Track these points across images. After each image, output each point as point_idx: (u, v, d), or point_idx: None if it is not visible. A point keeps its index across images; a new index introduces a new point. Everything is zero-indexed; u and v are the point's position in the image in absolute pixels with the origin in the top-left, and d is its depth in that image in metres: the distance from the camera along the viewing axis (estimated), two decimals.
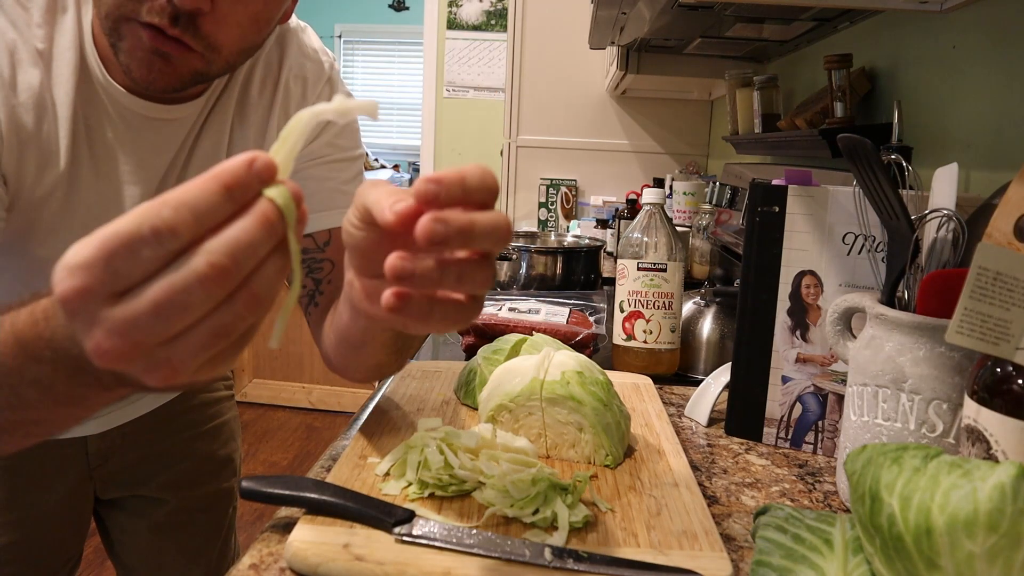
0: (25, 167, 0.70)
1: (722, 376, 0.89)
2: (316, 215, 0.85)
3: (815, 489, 0.72)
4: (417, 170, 5.01)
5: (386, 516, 0.57)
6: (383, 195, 0.44)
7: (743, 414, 0.84)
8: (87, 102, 0.73)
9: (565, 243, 1.88)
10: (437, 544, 0.55)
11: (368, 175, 5.87)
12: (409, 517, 0.57)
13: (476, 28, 3.90)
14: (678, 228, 1.09)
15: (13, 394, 0.47)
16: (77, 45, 0.72)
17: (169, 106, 0.77)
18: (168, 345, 0.37)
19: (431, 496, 0.63)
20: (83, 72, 0.73)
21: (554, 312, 1.18)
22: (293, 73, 0.86)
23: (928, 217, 0.64)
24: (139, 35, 0.65)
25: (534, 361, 0.75)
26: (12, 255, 0.76)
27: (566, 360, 0.74)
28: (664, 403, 0.90)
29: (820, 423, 0.80)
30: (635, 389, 0.93)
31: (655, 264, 1.03)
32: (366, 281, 0.49)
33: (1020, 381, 0.50)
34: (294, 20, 0.89)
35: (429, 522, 0.57)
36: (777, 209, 0.80)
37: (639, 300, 1.04)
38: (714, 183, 1.79)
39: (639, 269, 1.04)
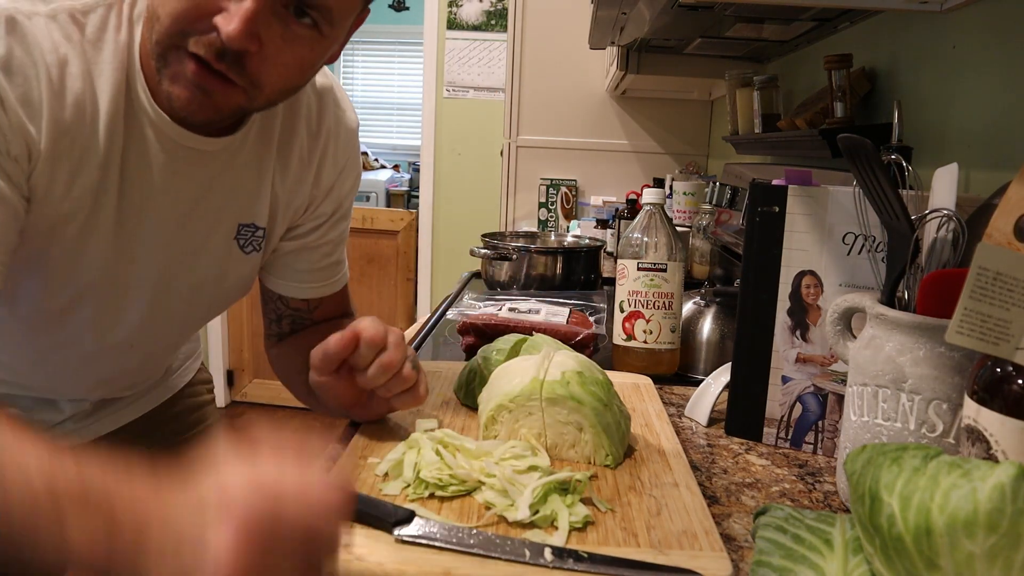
0: (56, 178, 0.70)
1: (722, 376, 0.89)
2: (316, 285, 0.95)
3: (815, 489, 0.72)
4: (417, 170, 5.01)
5: (386, 516, 0.57)
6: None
7: (743, 414, 0.84)
8: (126, 123, 0.73)
9: (565, 243, 1.88)
10: (437, 544, 0.55)
11: (368, 175, 5.79)
12: (409, 517, 0.57)
13: (476, 28, 3.90)
14: (678, 228, 1.09)
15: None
16: (124, 66, 0.72)
17: (207, 138, 0.77)
18: None
19: (431, 496, 0.63)
20: (126, 94, 0.73)
21: (554, 312, 1.18)
22: (331, 135, 0.89)
23: (928, 217, 0.64)
24: (184, 65, 0.67)
25: (534, 361, 0.75)
26: (31, 277, 0.75)
27: (566, 360, 0.74)
28: (664, 403, 0.90)
29: (820, 423, 0.80)
30: (635, 389, 0.93)
31: (655, 264, 1.03)
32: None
33: (1020, 381, 0.50)
34: (329, 76, 0.90)
35: (429, 522, 0.57)
36: (777, 209, 0.80)
37: (639, 300, 1.04)
38: (714, 183, 1.79)
39: (639, 269, 1.04)
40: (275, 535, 0.44)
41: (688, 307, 1.12)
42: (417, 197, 4.31)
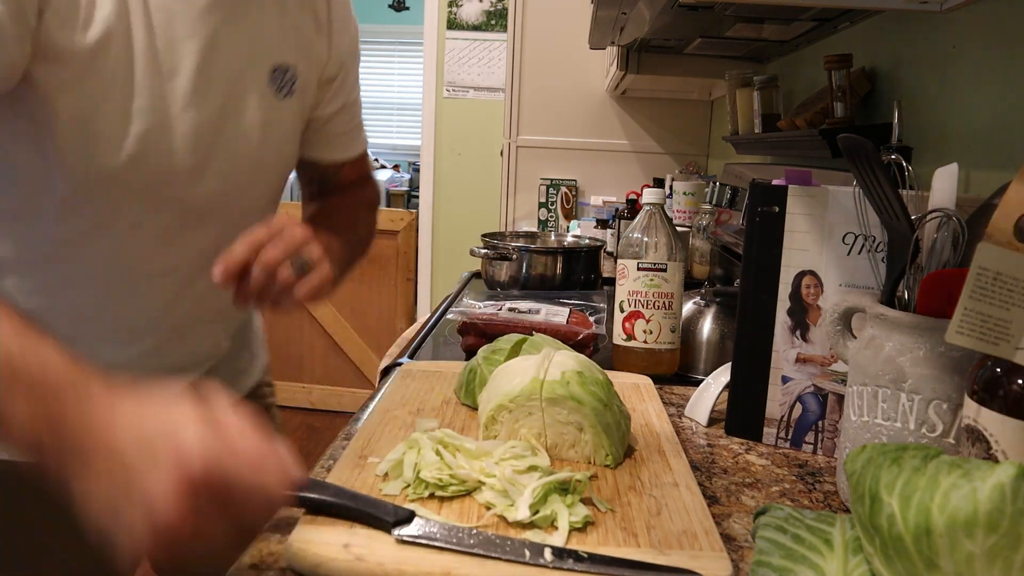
0: (73, 15, 0.70)
1: (722, 376, 0.89)
2: (344, 148, 1.05)
3: (815, 489, 0.72)
4: (417, 170, 5.01)
5: (386, 516, 0.57)
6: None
7: (743, 414, 0.84)
8: None
9: (565, 243, 1.88)
10: (437, 544, 0.55)
11: None
12: (409, 517, 0.57)
13: (476, 28, 3.90)
14: (678, 228, 1.09)
15: None
16: None
17: None
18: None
19: (431, 496, 0.63)
20: None
21: (554, 312, 1.18)
22: None
23: (928, 217, 0.64)
24: None
25: (534, 361, 0.75)
26: (83, 138, 0.74)
27: (566, 360, 0.74)
28: (664, 403, 0.90)
29: (820, 423, 0.80)
30: (635, 389, 0.93)
31: (655, 264, 1.03)
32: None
33: (1020, 381, 0.50)
34: None
35: (429, 522, 0.57)
36: (777, 209, 0.80)
37: (639, 300, 1.04)
38: (714, 183, 1.79)
39: (639, 269, 1.04)
40: (214, 495, 0.45)
41: (688, 307, 1.12)
42: (417, 197, 4.32)
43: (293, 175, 1.03)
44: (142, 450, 0.47)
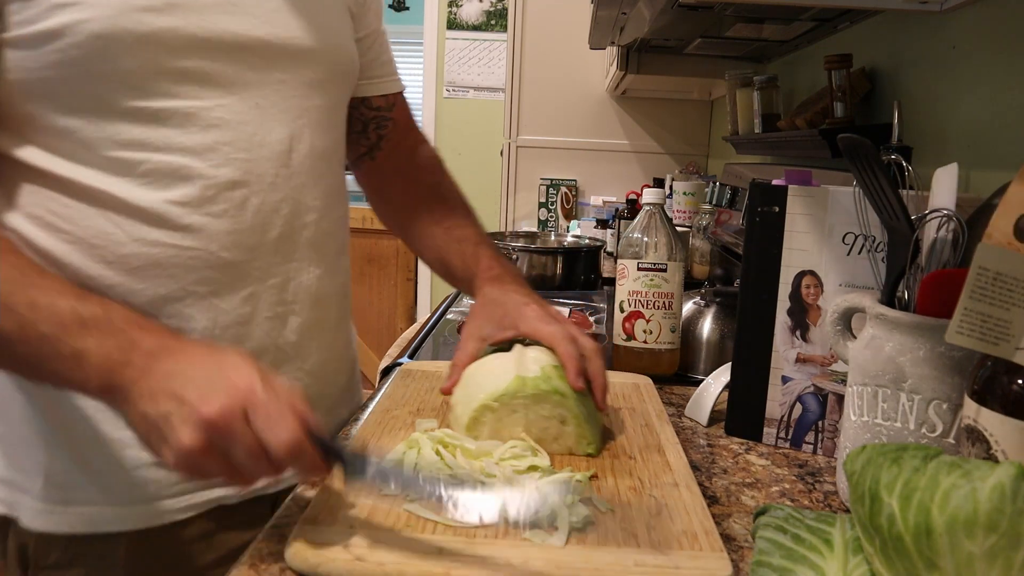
0: None
1: (722, 376, 0.89)
2: (387, 80, 1.00)
3: (815, 489, 0.72)
4: None
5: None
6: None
7: (743, 414, 0.84)
8: None
9: (565, 243, 1.88)
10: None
11: None
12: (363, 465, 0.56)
13: (476, 28, 3.91)
14: (678, 228, 1.09)
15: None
16: None
17: None
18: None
19: None
20: None
21: None
22: None
23: (928, 217, 0.64)
24: None
25: (509, 358, 0.75)
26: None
27: (540, 355, 0.75)
28: (664, 403, 0.90)
29: (820, 423, 0.80)
30: (635, 389, 0.93)
31: (655, 264, 1.03)
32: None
33: (1020, 381, 0.50)
34: None
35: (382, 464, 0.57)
36: (777, 209, 0.80)
37: (639, 300, 1.04)
38: (714, 183, 1.79)
39: (639, 269, 1.04)
40: (225, 438, 0.52)
41: (688, 307, 1.12)
42: None
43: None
44: (194, 384, 0.53)
